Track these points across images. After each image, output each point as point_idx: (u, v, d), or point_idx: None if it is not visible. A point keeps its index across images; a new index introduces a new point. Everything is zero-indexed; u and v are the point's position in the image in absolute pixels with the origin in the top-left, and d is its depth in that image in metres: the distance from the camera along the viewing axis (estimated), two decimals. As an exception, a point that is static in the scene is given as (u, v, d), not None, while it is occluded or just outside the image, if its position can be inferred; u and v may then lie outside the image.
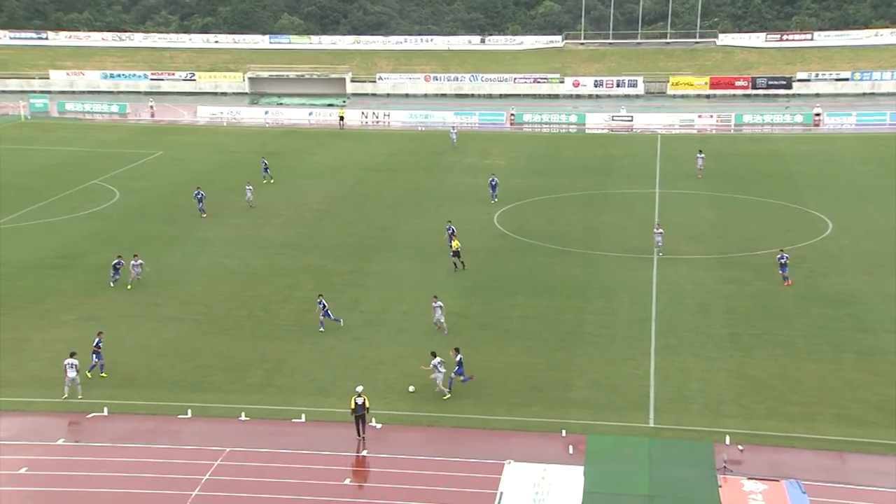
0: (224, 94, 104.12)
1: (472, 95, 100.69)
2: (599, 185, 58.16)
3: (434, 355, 29.66)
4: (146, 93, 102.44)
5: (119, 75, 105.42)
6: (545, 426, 27.50)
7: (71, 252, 43.77)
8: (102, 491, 24.05)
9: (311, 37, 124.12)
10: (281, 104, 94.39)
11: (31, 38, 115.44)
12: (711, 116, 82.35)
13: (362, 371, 30.93)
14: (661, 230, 43.27)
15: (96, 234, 47.26)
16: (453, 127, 74.09)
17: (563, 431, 27.11)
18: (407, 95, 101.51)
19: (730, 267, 41.55)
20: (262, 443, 26.55)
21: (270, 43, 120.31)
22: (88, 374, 30.40)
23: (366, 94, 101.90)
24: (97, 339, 30.96)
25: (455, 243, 41.59)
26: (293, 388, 30.00)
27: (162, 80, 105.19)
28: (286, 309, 36.92)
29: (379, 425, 27.58)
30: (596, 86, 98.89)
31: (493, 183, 53.92)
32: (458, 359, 29.76)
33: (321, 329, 34.37)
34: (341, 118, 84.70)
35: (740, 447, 26.09)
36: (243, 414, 28.12)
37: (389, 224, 49.71)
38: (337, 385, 29.73)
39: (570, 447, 26.28)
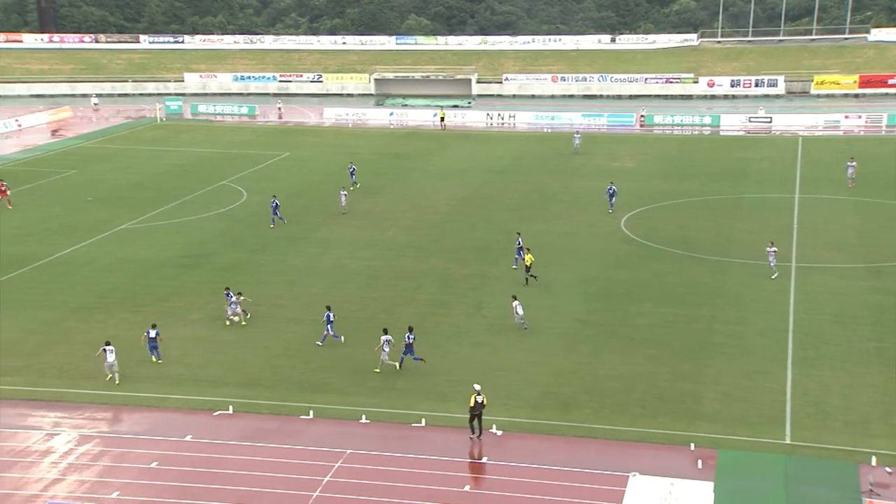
0: (350, 95, 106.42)
1: (601, 96, 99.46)
2: (733, 189, 56.36)
3: (385, 332, 31.73)
4: (274, 94, 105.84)
5: (249, 77, 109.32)
6: (672, 439, 26.80)
7: (198, 251, 45.54)
8: (228, 488, 24.90)
9: (438, 37, 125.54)
10: (406, 105, 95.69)
11: (169, 42, 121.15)
12: (860, 117, 78.55)
13: (483, 376, 30.93)
14: (774, 248, 40.19)
15: (223, 234, 49.06)
16: (577, 133, 71.16)
17: (692, 445, 26.36)
18: (533, 96, 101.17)
19: (876, 277, 39.48)
20: (381, 446, 26.91)
21: (397, 44, 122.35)
22: (159, 361, 32.14)
23: (491, 95, 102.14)
24: (154, 332, 32.35)
25: (528, 258, 39.89)
26: (413, 391, 30.27)
27: (290, 81, 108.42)
28: (408, 312, 37.30)
29: (499, 432, 27.53)
30: (733, 86, 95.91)
31: (611, 192, 51.65)
32: (407, 338, 31.57)
33: (319, 343, 33.52)
34: (442, 119, 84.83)
35: (888, 469, 24.72)
36: (364, 416, 28.58)
37: (513, 227, 49.56)
38: (457, 390, 29.85)
39: (699, 462, 25.53)
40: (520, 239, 42.72)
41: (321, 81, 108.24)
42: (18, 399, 29.50)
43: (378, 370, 31.62)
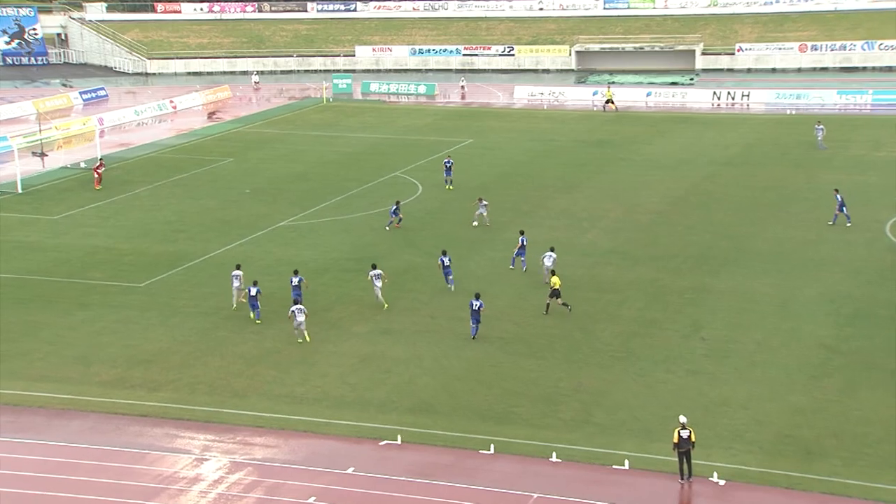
0: (546, 71, 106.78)
1: (864, 69, 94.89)
2: None
3: (374, 266, 40.18)
4: (457, 70, 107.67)
5: (429, 51, 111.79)
6: (949, 506, 25.19)
7: (366, 254, 46.67)
8: (391, 530, 25.48)
9: (656, 0, 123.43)
10: (612, 83, 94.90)
11: (339, 11, 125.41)
12: None
13: (701, 412, 30.19)
14: None
15: (395, 233, 50.22)
16: (819, 124, 66.04)
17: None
18: (773, 70, 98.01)
19: None
20: (576, 491, 26.73)
21: (605, 8, 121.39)
22: (258, 321, 38.00)
23: (720, 70, 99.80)
24: (255, 289, 38.24)
25: (554, 280, 38.70)
26: (615, 427, 29.96)
27: (476, 55, 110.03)
28: (609, 330, 37.00)
29: (722, 481, 26.78)
30: None
31: (840, 202, 48.41)
32: (442, 260, 41.27)
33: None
34: (609, 101, 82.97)
35: None
36: (554, 454, 28.52)
37: (742, 231, 48.16)
38: (668, 427, 29.24)
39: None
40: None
41: (512, 55, 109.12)
42: (166, 417, 31.30)
43: (386, 306, 38.80)
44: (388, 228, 50.29)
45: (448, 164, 58.39)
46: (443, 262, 41.54)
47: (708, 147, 67.00)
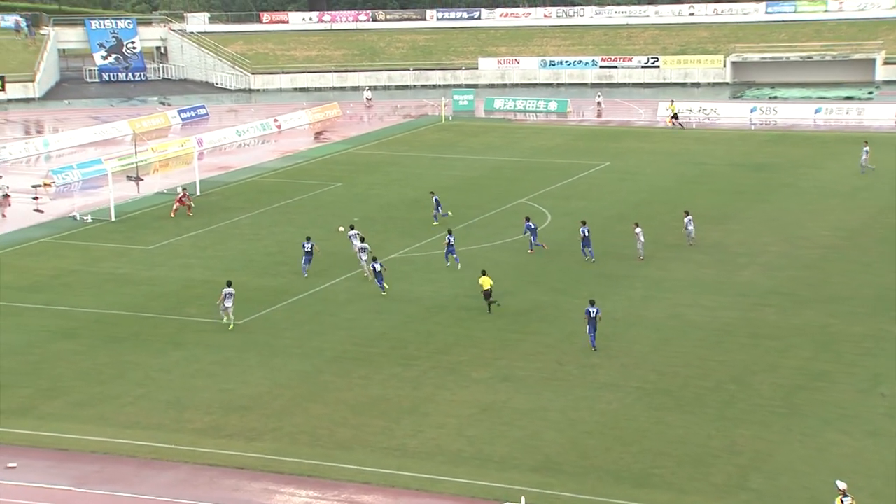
0: (696, 85, 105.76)
1: None
2: None
3: (362, 239, 49.17)
4: (593, 85, 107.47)
5: (561, 63, 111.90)
6: None
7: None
8: None
9: (829, 2, 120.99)
10: (775, 98, 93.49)
11: (462, 19, 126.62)
12: None
13: (881, 481, 29.23)
14: None
15: (519, 267, 50.16)
16: (865, 147, 65.87)
17: None
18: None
19: None
20: (725, 569, 26.11)
21: (767, 13, 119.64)
22: (305, 276, 46.84)
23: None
24: (309, 245, 46.65)
25: (484, 280, 43.79)
26: (776, 494, 29.20)
27: (615, 67, 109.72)
28: (769, 382, 36.27)
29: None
30: None
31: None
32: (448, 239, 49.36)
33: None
34: (674, 116, 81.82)
35: None
36: (702, 525, 27.96)
37: (928, 269, 46.75)
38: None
39: None
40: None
41: (657, 66, 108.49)
42: (265, 470, 31.67)
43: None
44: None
45: (437, 201, 58.14)
46: (449, 240, 49.41)
47: (891, 172, 65.18)
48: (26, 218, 62.31)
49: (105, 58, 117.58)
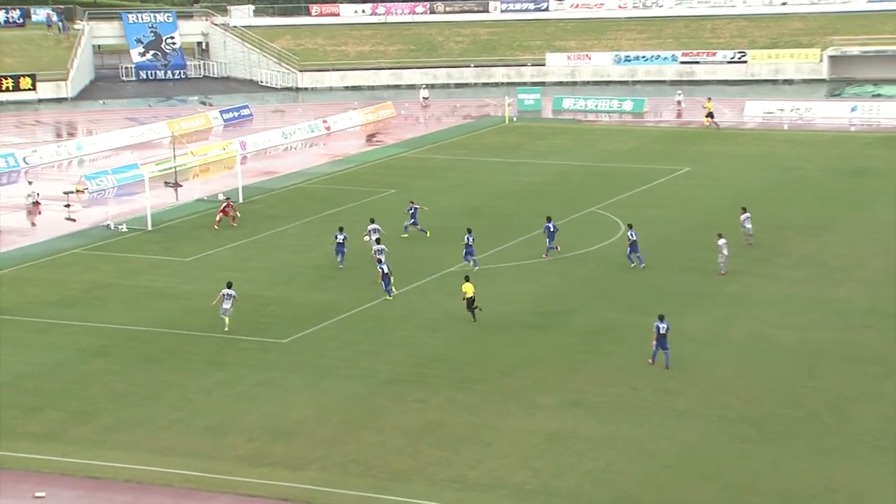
0: (788, 82, 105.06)
1: None
2: None
3: (372, 220, 52.56)
4: (673, 82, 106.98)
5: (637, 58, 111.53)
6: None
7: (553, 307, 46.74)
8: None
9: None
10: (878, 96, 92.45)
11: (528, 10, 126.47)
12: None
13: None
14: None
15: (589, 282, 50.05)
16: None
17: None
18: None
19: None
20: None
21: (869, 2, 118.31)
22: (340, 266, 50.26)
23: None
24: (342, 236, 49.13)
25: (466, 287, 44.80)
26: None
27: (697, 63, 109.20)
28: (870, 412, 35.90)
29: None
30: None
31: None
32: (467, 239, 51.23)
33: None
34: (709, 115, 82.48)
35: None
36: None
37: None
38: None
39: None
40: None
41: (744, 62, 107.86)
42: (311, 503, 31.69)
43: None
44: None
45: (412, 210, 58.18)
46: (467, 240, 51.09)
47: None
48: (57, 227, 63.14)
49: (142, 54, 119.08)
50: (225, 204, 61.93)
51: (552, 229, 53.15)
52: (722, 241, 49.92)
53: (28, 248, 58.93)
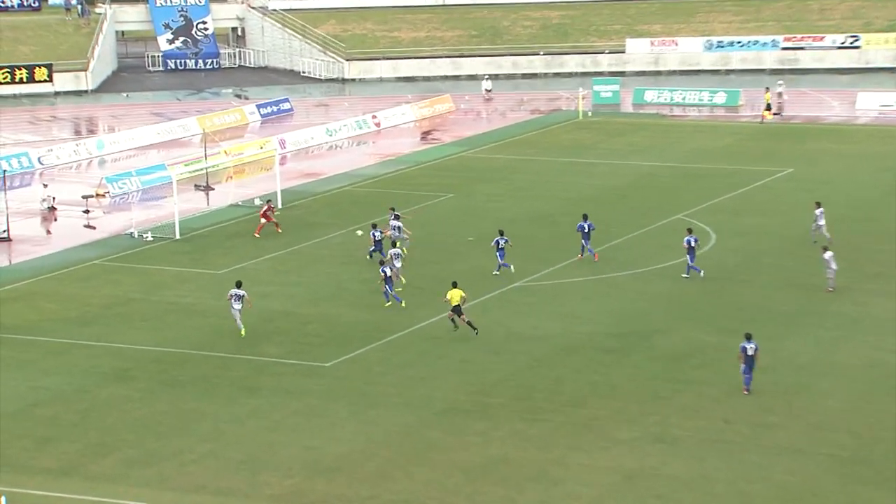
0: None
1: None
2: None
3: (394, 244, 52.23)
4: (773, 71, 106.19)
5: (731, 44, 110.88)
6: None
7: (633, 327, 46.64)
8: None
9: None
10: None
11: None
12: None
13: None
14: None
15: (673, 299, 49.88)
16: None
17: None
18: None
19: None
20: None
21: None
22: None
23: None
24: (378, 233, 52.56)
25: (453, 294, 45.36)
26: None
27: (801, 48, 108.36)
28: None
29: None
30: None
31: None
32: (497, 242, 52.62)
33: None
34: (768, 107, 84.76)
35: None
36: None
37: None
38: None
39: None
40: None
41: (857, 47, 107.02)
42: (354, 547, 31.96)
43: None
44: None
45: (395, 217, 57.23)
46: (498, 243, 52.74)
47: None
48: (75, 235, 63.84)
49: (171, 41, 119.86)
50: (266, 207, 61.82)
51: (587, 229, 54.21)
52: (829, 255, 49.47)
53: (43, 258, 59.59)
